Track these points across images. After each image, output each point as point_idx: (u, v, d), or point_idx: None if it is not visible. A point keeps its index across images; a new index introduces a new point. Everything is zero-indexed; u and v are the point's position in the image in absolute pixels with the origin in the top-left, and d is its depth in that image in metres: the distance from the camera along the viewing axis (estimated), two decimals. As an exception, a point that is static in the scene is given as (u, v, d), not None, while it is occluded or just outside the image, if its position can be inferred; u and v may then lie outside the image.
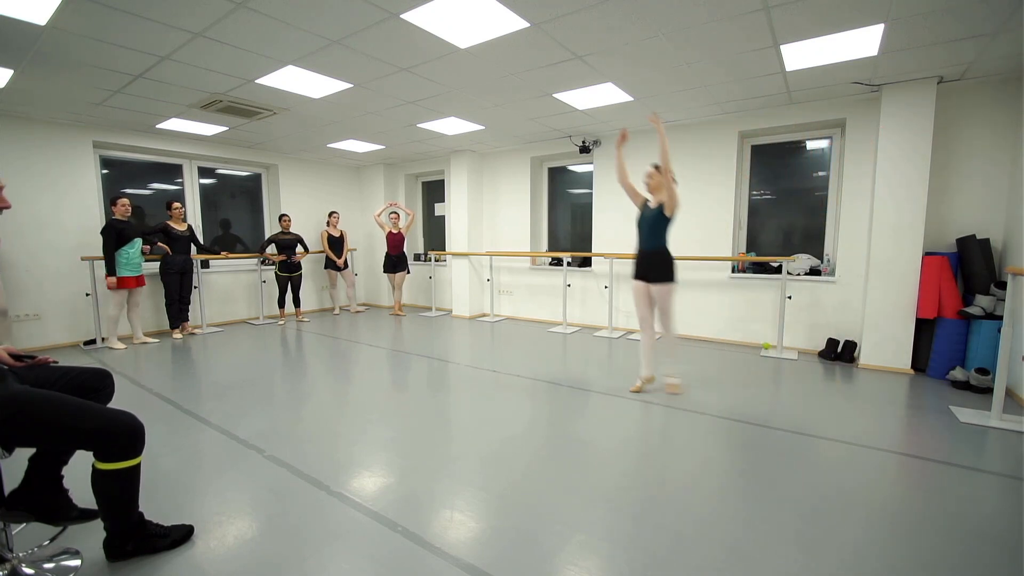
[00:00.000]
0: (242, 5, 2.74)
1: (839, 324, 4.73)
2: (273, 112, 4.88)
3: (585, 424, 3.02)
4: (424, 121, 5.32)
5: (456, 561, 1.72)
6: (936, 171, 4.08)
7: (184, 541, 1.82)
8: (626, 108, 4.79)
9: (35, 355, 1.77)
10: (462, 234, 7.18)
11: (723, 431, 2.90)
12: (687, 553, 1.76)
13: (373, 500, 2.12)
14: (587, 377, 4.04)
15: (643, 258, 3.44)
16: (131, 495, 1.68)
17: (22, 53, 3.35)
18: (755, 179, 5.40)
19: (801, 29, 3.06)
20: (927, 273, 3.98)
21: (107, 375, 1.86)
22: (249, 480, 2.31)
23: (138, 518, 1.74)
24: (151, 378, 4.04)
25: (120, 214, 4.98)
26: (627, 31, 3.09)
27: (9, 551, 1.64)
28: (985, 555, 1.76)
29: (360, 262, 8.49)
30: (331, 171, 8.08)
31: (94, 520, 1.75)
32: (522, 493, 2.19)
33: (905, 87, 3.98)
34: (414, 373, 4.24)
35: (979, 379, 3.55)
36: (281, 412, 3.24)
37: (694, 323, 5.60)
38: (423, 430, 2.93)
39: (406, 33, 3.10)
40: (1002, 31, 3.06)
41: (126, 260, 5.00)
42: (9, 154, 4.90)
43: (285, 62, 3.59)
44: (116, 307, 5.08)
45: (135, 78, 3.89)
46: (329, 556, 1.75)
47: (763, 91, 4.30)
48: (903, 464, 2.49)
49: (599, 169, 6.16)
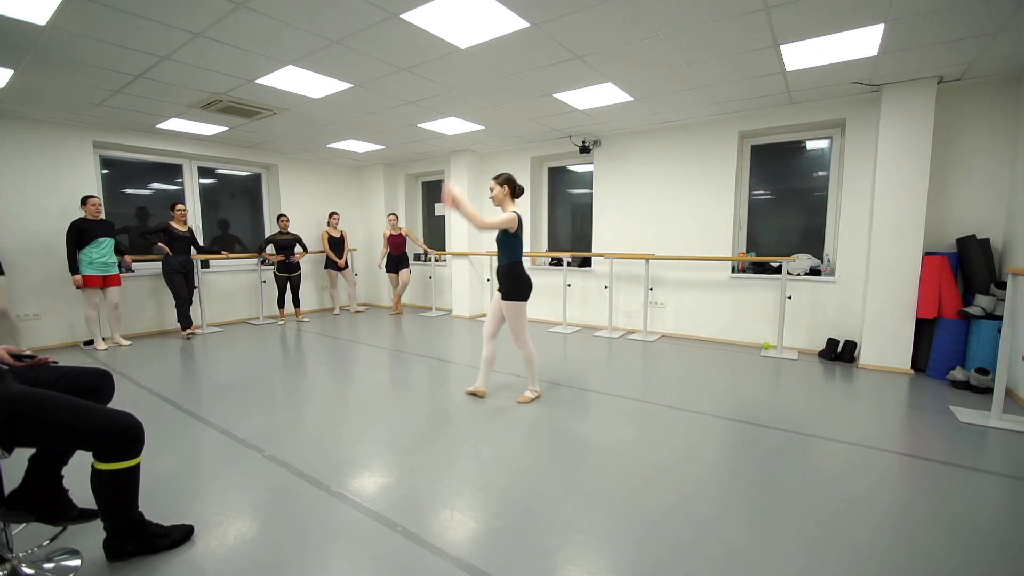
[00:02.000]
0: (242, 5, 2.74)
1: (839, 324, 4.73)
2: (273, 112, 4.88)
3: (585, 424, 3.02)
4: (424, 121, 5.32)
5: (456, 561, 1.72)
6: (936, 171, 4.08)
7: (184, 541, 1.82)
8: (626, 108, 4.79)
9: (35, 355, 1.77)
10: (462, 234, 7.19)
11: (723, 431, 2.90)
12: (688, 553, 1.76)
13: (373, 500, 2.12)
14: (587, 377, 4.03)
15: (496, 273, 3.39)
16: (130, 495, 1.68)
17: (22, 53, 3.35)
18: (755, 179, 5.40)
19: (801, 29, 3.06)
20: (927, 273, 3.98)
21: (107, 375, 1.86)
22: (249, 480, 2.31)
23: (138, 518, 1.74)
24: (151, 378, 4.04)
25: (90, 214, 4.94)
26: (627, 31, 3.09)
27: (9, 551, 1.64)
28: (985, 555, 1.76)
29: (360, 262, 8.49)
30: (331, 171, 8.08)
31: (94, 520, 1.75)
32: (522, 493, 2.19)
33: (905, 87, 3.98)
34: (414, 373, 4.24)
35: (979, 379, 3.55)
36: (281, 412, 3.24)
37: (694, 323, 5.60)
38: (423, 430, 2.93)
39: (406, 33, 3.10)
40: (1002, 31, 3.06)
41: (90, 260, 4.92)
42: (9, 154, 4.90)
43: (285, 62, 3.59)
44: (91, 307, 5.03)
45: (135, 78, 3.89)
46: (329, 556, 1.75)
47: (763, 91, 4.30)
48: (903, 464, 2.49)
49: (599, 169, 6.16)
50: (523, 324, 3.30)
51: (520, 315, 3.27)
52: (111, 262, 5.12)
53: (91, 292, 5.02)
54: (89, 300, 5.03)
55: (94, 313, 5.08)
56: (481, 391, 3.49)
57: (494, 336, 3.41)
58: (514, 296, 3.24)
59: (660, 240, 5.74)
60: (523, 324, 3.30)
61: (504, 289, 3.27)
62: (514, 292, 3.24)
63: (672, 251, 5.63)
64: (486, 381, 3.50)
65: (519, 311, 3.26)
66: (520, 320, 3.28)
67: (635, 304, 5.97)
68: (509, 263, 3.25)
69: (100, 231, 5.02)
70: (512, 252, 3.25)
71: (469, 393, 3.54)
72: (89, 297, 5.03)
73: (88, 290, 5.00)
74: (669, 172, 5.61)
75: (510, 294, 3.24)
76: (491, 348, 3.42)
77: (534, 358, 3.40)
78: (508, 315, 3.27)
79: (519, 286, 3.24)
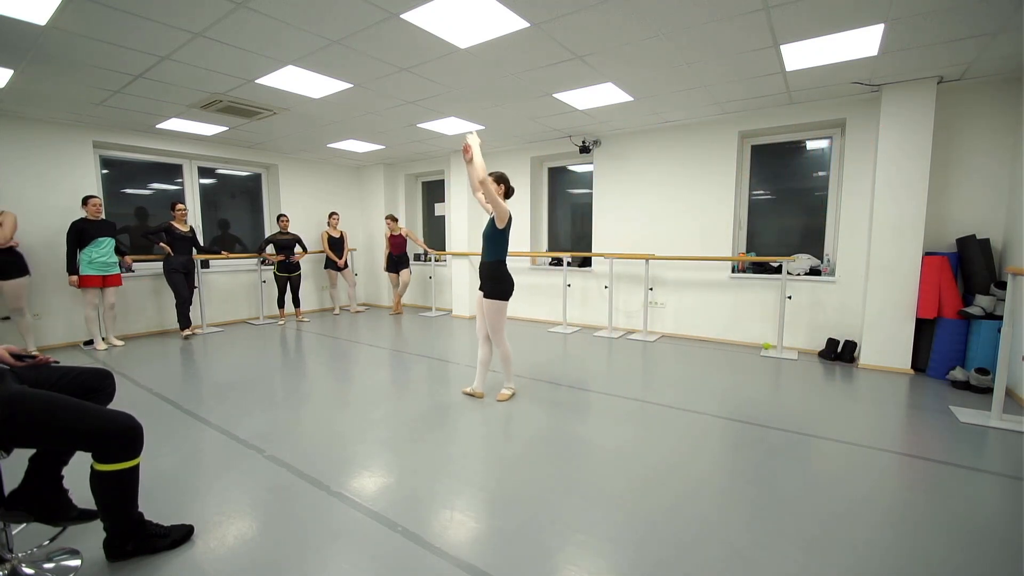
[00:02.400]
0: (242, 5, 2.73)
1: (839, 324, 4.73)
2: (273, 112, 4.88)
3: (585, 424, 3.02)
4: (424, 121, 5.32)
5: (456, 561, 1.72)
6: (936, 171, 4.08)
7: (184, 541, 1.82)
8: (626, 108, 4.79)
9: (35, 355, 1.77)
10: (462, 234, 7.18)
11: (723, 431, 2.90)
12: (688, 552, 1.76)
13: (373, 500, 2.12)
14: (587, 377, 4.03)
15: (480, 270, 3.39)
16: (130, 496, 1.68)
17: (22, 53, 3.35)
18: (755, 179, 5.40)
19: (801, 29, 3.06)
20: (927, 273, 3.98)
21: (107, 375, 1.85)
22: (249, 480, 2.31)
23: (138, 518, 1.74)
24: (151, 378, 4.04)
25: (91, 214, 4.96)
26: (627, 31, 3.09)
27: (9, 551, 1.64)
28: (985, 555, 1.76)
29: (360, 262, 8.49)
30: (331, 171, 8.08)
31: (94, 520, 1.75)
32: (522, 493, 2.19)
33: (905, 87, 3.98)
34: (414, 373, 4.24)
35: (979, 379, 3.55)
36: (281, 412, 3.24)
37: (694, 323, 5.60)
38: (423, 430, 2.93)
39: (406, 33, 3.10)
40: (1002, 31, 3.06)
41: (89, 260, 4.94)
42: (9, 154, 4.90)
43: (285, 62, 3.59)
44: (91, 307, 5.05)
45: (135, 78, 3.89)
46: (329, 556, 1.75)
47: (763, 91, 4.30)
48: (903, 464, 2.49)
49: (599, 169, 6.16)
50: (502, 323, 3.31)
51: (500, 314, 3.28)
52: (111, 262, 5.12)
53: (91, 292, 5.02)
54: (89, 300, 5.04)
55: (94, 313, 5.09)
56: (478, 392, 3.49)
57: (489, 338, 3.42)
58: (497, 295, 3.25)
59: (660, 240, 5.73)
60: (502, 323, 3.31)
61: (487, 287, 3.27)
62: (497, 290, 3.24)
63: (672, 251, 5.63)
64: (483, 382, 3.50)
65: (500, 310, 3.27)
66: (500, 319, 3.29)
67: (635, 304, 5.97)
68: (494, 260, 3.26)
69: (100, 231, 5.02)
70: (499, 249, 3.28)
71: (466, 394, 3.54)
72: (89, 297, 5.03)
73: (88, 290, 5.00)
74: (669, 172, 5.61)
75: (493, 292, 3.25)
76: (487, 350, 3.43)
77: (511, 356, 3.43)
78: (488, 313, 3.28)
79: (503, 284, 3.25)
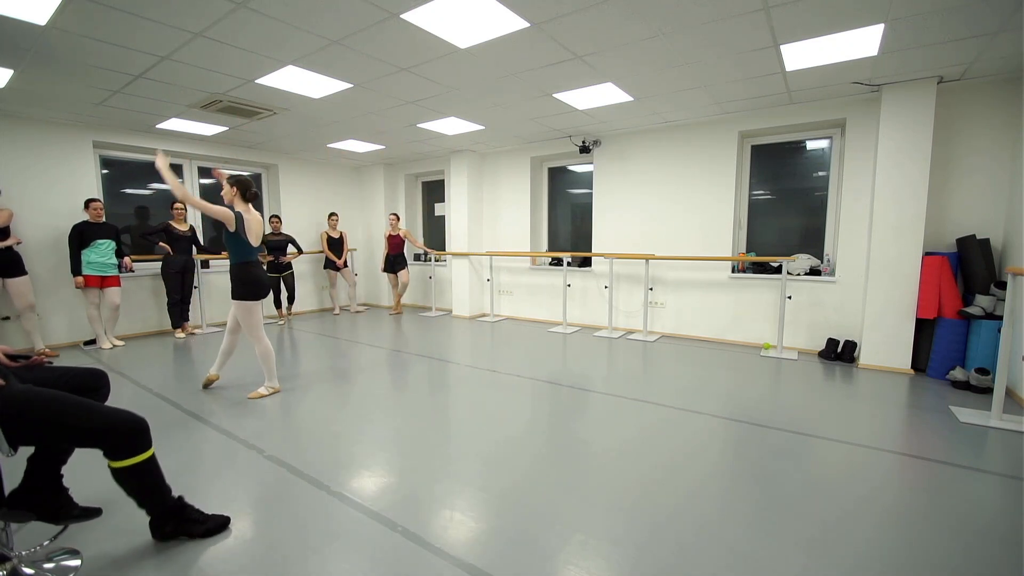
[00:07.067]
0: (242, 5, 2.74)
1: (839, 324, 4.73)
2: (273, 112, 4.88)
3: (585, 424, 3.02)
4: (424, 121, 5.32)
5: (456, 561, 1.72)
6: (936, 171, 4.08)
7: (219, 531, 1.87)
8: (626, 108, 4.79)
9: (29, 355, 1.78)
10: (462, 234, 7.18)
11: (723, 431, 2.90)
12: (688, 552, 1.76)
13: (373, 500, 2.12)
14: (587, 377, 4.03)
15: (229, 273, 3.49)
16: (156, 485, 1.73)
17: (22, 53, 3.35)
18: (755, 179, 5.40)
19: (801, 29, 3.06)
20: (927, 273, 3.98)
21: (103, 375, 1.87)
22: (249, 480, 2.31)
23: (175, 502, 1.81)
24: (151, 378, 4.04)
25: (92, 217, 5.01)
26: (627, 31, 3.09)
27: (10, 550, 1.64)
28: (986, 555, 1.76)
29: (360, 262, 8.49)
30: (331, 171, 8.08)
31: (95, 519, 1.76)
32: (522, 493, 2.19)
33: (905, 87, 3.98)
34: (414, 373, 4.24)
35: (979, 379, 3.55)
36: (281, 412, 3.24)
37: (694, 323, 5.60)
38: (423, 430, 2.93)
39: (406, 33, 3.10)
40: (1002, 31, 3.06)
41: (88, 261, 5.00)
42: (9, 154, 4.90)
43: (285, 62, 3.59)
44: (92, 307, 5.09)
45: (135, 78, 3.89)
46: (329, 556, 1.75)
47: (763, 91, 4.30)
48: (903, 464, 2.49)
49: (599, 169, 6.16)
50: (255, 321, 3.43)
51: (250, 313, 3.40)
52: (110, 263, 5.15)
53: (91, 292, 5.06)
54: (89, 300, 5.07)
55: (95, 312, 5.12)
56: (213, 375, 3.70)
57: (234, 331, 3.59)
58: (241, 295, 3.36)
59: (660, 240, 5.74)
60: (255, 321, 3.43)
61: (233, 289, 3.38)
62: (241, 292, 3.35)
63: (672, 251, 5.63)
64: (219, 367, 3.70)
65: (249, 310, 3.39)
66: (250, 318, 3.41)
67: (635, 304, 5.97)
68: (235, 263, 3.36)
69: (100, 233, 5.06)
70: (240, 252, 3.35)
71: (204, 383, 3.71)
72: (89, 297, 5.07)
73: (88, 290, 5.05)
74: (669, 172, 5.61)
75: (237, 293, 3.36)
76: (231, 341, 3.63)
77: (270, 354, 3.53)
78: (238, 314, 3.39)
79: (248, 286, 3.36)
